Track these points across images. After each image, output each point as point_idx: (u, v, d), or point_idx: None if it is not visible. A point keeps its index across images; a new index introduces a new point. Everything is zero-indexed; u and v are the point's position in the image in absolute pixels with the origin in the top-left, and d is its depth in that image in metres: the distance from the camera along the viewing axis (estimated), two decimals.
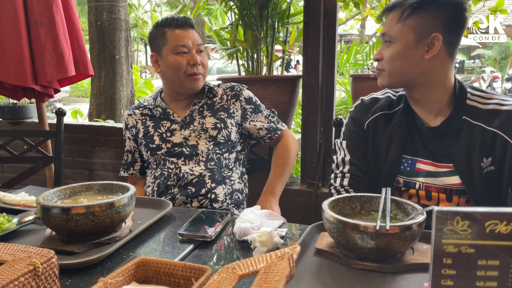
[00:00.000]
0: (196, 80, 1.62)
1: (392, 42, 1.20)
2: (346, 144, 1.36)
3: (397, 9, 1.19)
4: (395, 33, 1.19)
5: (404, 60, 1.19)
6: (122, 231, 1.06)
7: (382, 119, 1.32)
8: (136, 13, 18.14)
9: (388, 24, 1.21)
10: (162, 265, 0.76)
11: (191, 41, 1.61)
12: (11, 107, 3.26)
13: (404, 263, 0.89)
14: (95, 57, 4.49)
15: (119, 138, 2.90)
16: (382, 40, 1.24)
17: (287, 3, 2.80)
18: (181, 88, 1.65)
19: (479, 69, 18.37)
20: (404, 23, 1.17)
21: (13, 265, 0.68)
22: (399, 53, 1.19)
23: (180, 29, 1.61)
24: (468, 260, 0.54)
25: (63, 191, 1.11)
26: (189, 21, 1.65)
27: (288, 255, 0.63)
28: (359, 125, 1.35)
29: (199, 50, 1.63)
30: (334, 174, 1.36)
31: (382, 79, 1.25)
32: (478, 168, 1.16)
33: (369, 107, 1.35)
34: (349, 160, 1.33)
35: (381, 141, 1.31)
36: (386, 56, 1.21)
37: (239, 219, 1.09)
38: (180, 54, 1.60)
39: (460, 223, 0.52)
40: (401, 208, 1.00)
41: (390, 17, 1.21)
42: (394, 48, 1.19)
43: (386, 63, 1.21)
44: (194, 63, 1.60)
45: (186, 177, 1.57)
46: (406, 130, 1.27)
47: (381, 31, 1.25)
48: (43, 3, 2.34)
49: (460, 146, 1.18)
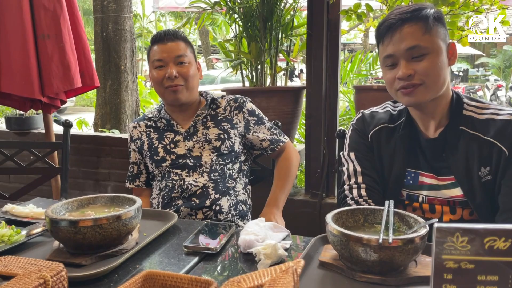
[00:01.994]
0: (175, 91, 1.62)
1: (428, 54, 1.16)
2: (355, 155, 1.34)
3: (415, 23, 1.16)
4: (429, 44, 1.15)
5: (444, 69, 1.17)
6: (129, 243, 1.07)
7: (384, 131, 1.32)
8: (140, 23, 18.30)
9: (413, 37, 1.15)
10: (168, 278, 0.77)
11: (168, 54, 1.62)
12: (18, 118, 3.30)
13: (407, 276, 0.90)
14: (100, 68, 4.54)
15: (124, 149, 2.92)
16: (406, 55, 1.17)
17: (291, 15, 2.84)
18: (165, 101, 1.70)
19: (483, 78, 18.35)
20: (431, 33, 1.16)
21: (24, 278, 0.70)
22: (439, 62, 1.16)
23: (159, 43, 1.65)
24: (468, 276, 0.55)
25: (71, 203, 1.13)
26: (172, 34, 1.66)
27: (292, 269, 0.64)
28: (364, 136, 1.35)
29: (179, 62, 1.63)
30: (349, 186, 1.33)
31: (422, 94, 1.18)
32: (477, 178, 1.18)
33: (371, 120, 1.36)
34: (361, 171, 1.32)
35: (384, 154, 1.31)
36: (424, 68, 1.16)
37: (244, 231, 1.10)
38: (158, 68, 1.64)
39: (460, 239, 0.54)
40: (404, 220, 1.01)
41: (411, 30, 1.16)
42: (432, 58, 1.16)
43: (427, 76, 1.16)
44: (169, 76, 1.61)
45: (190, 189, 1.59)
46: (408, 143, 1.28)
47: (405, 45, 1.16)
48: (51, 16, 2.39)
49: (459, 157, 1.20)
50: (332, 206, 2.46)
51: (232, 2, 2.80)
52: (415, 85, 1.17)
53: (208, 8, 2.93)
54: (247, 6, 2.72)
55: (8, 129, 3.34)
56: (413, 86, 1.17)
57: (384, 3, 2.33)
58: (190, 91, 1.66)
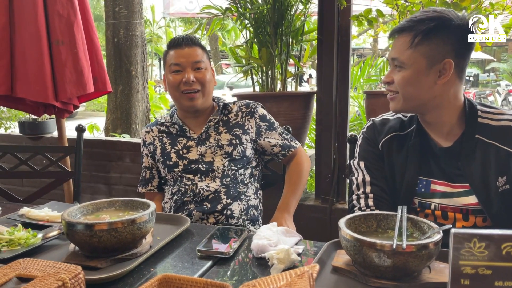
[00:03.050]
0: (191, 98, 1.64)
1: (403, 68, 1.18)
2: (364, 164, 1.34)
3: (407, 33, 1.17)
4: (406, 59, 1.17)
5: (416, 85, 1.18)
6: (143, 247, 1.08)
7: (395, 140, 1.32)
8: (150, 28, 18.45)
9: (398, 49, 1.19)
10: (184, 281, 0.78)
11: (186, 58, 1.64)
12: (31, 122, 3.35)
13: (421, 282, 0.90)
14: (111, 73, 4.58)
15: (135, 153, 2.95)
16: (391, 63, 1.23)
17: (301, 21, 2.85)
18: (180, 106, 1.70)
19: (494, 83, 18.21)
20: (415, 49, 1.16)
21: (42, 280, 0.71)
22: (411, 79, 1.18)
23: (177, 48, 1.66)
24: (485, 281, 0.55)
25: (86, 207, 1.15)
26: (189, 39, 1.67)
27: (308, 274, 0.64)
28: (374, 145, 1.35)
29: (196, 67, 1.65)
30: (357, 196, 1.33)
31: (396, 104, 1.24)
32: (494, 187, 1.16)
33: (381, 127, 1.35)
34: (370, 181, 1.32)
35: (395, 162, 1.30)
36: (397, 80, 1.20)
37: (256, 236, 1.11)
38: (175, 72, 1.65)
39: (477, 245, 0.54)
40: (417, 226, 1.01)
41: (400, 41, 1.19)
42: (405, 73, 1.18)
43: (399, 87, 1.21)
44: (186, 81, 1.62)
45: (202, 193, 1.60)
46: (420, 151, 1.27)
47: (391, 54, 1.23)
48: (65, 23, 2.42)
49: (475, 166, 1.18)
50: (342, 211, 2.45)
51: (243, 8, 2.82)
52: (392, 91, 1.24)
53: (219, 14, 2.95)
54: (258, 12, 2.74)
55: (21, 133, 3.39)
56: (392, 95, 1.24)
57: (395, 9, 2.33)
58: (206, 97, 1.68)
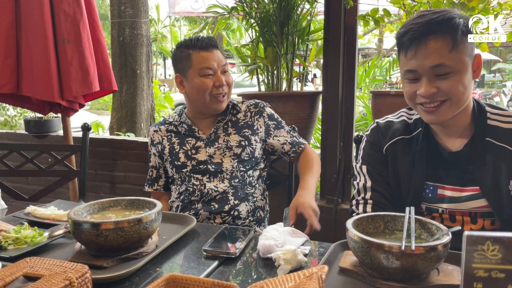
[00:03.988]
0: (221, 101, 1.65)
1: (452, 72, 1.09)
2: (367, 169, 1.32)
3: (445, 35, 1.08)
4: (454, 62, 1.09)
5: (467, 87, 1.12)
6: (149, 247, 1.08)
7: (400, 143, 1.28)
8: (155, 27, 18.48)
9: (439, 54, 1.08)
10: (190, 282, 0.77)
11: (216, 62, 1.62)
12: (36, 121, 3.35)
13: (429, 284, 0.89)
14: (117, 72, 4.59)
15: (140, 152, 2.95)
16: (429, 72, 1.11)
17: (307, 21, 2.84)
18: (205, 109, 1.67)
19: (499, 83, 18.11)
20: (458, 50, 1.08)
21: (50, 279, 0.71)
22: (465, 81, 1.10)
23: (205, 51, 1.62)
24: (499, 285, 0.54)
25: (92, 206, 1.15)
26: (213, 41, 1.66)
27: (317, 275, 0.64)
28: (378, 149, 1.31)
29: (224, 71, 1.65)
30: (356, 201, 1.32)
31: (445, 114, 1.13)
32: (506, 191, 1.14)
33: (386, 131, 1.31)
34: (371, 187, 1.29)
35: (401, 167, 1.27)
36: (449, 87, 1.10)
37: (263, 236, 1.10)
38: (206, 76, 1.62)
39: (491, 248, 0.53)
40: (425, 228, 1.00)
41: (436, 47, 1.08)
42: (458, 77, 1.10)
43: (453, 94, 1.11)
44: (220, 85, 1.62)
45: (210, 193, 1.59)
46: (428, 156, 1.23)
47: (430, 63, 1.10)
48: (71, 21, 2.43)
49: (486, 169, 1.16)
50: (347, 212, 2.43)
51: (249, 8, 2.81)
52: (438, 101, 1.12)
53: (225, 13, 2.94)
54: (264, 11, 2.73)
55: (27, 131, 3.39)
56: (435, 105, 1.13)
57: (402, 8, 2.31)
58: (228, 99, 1.69)
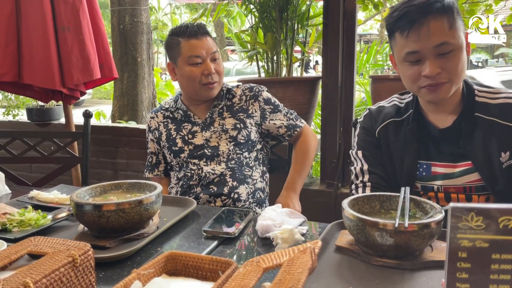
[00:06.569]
0: (211, 89, 1.65)
1: (455, 50, 1.12)
2: (362, 154, 1.36)
3: (442, 15, 1.10)
4: (455, 39, 1.11)
5: (465, 63, 1.15)
6: (150, 228, 1.11)
7: (391, 126, 1.32)
8: (156, 15, 18.35)
9: (441, 33, 1.10)
10: (190, 258, 0.80)
11: (205, 50, 1.62)
12: (38, 109, 3.38)
13: (422, 260, 0.91)
14: (117, 60, 4.59)
15: (141, 139, 2.97)
16: (432, 52, 1.12)
17: (307, 6, 2.83)
18: (197, 96, 1.69)
19: None
20: (456, 27, 1.12)
21: (53, 256, 0.74)
22: (463, 58, 1.13)
23: (194, 39, 1.62)
24: (483, 254, 0.56)
25: (94, 189, 1.17)
26: (203, 28, 1.65)
27: (310, 249, 0.66)
28: (371, 133, 1.35)
29: (214, 58, 1.64)
30: (355, 185, 1.35)
31: (447, 91, 1.15)
32: (498, 163, 1.17)
33: (377, 115, 1.35)
34: (368, 169, 1.33)
35: (393, 148, 1.31)
36: (451, 67, 1.12)
37: (261, 217, 1.13)
38: (194, 64, 1.62)
39: (475, 218, 0.55)
40: (419, 207, 1.02)
41: (437, 26, 1.10)
42: (460, 54, 1.13)
43: (454, 73, 1.13)
44: (208, 73, 1.62)
45: (208, 177, 1.62)
46: (418, 135, 1.26)
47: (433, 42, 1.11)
48: (70, 9, 2.43)
49: (477, 143, 1.19)
50: (347, 196, 2.45)
51: None
52: (441, 82, 1.14)
53: None
54: None
55: (29, 120, 3.42)
56: (438, 83, 1.14)
57: None
58: (220, 86, 1.70)
